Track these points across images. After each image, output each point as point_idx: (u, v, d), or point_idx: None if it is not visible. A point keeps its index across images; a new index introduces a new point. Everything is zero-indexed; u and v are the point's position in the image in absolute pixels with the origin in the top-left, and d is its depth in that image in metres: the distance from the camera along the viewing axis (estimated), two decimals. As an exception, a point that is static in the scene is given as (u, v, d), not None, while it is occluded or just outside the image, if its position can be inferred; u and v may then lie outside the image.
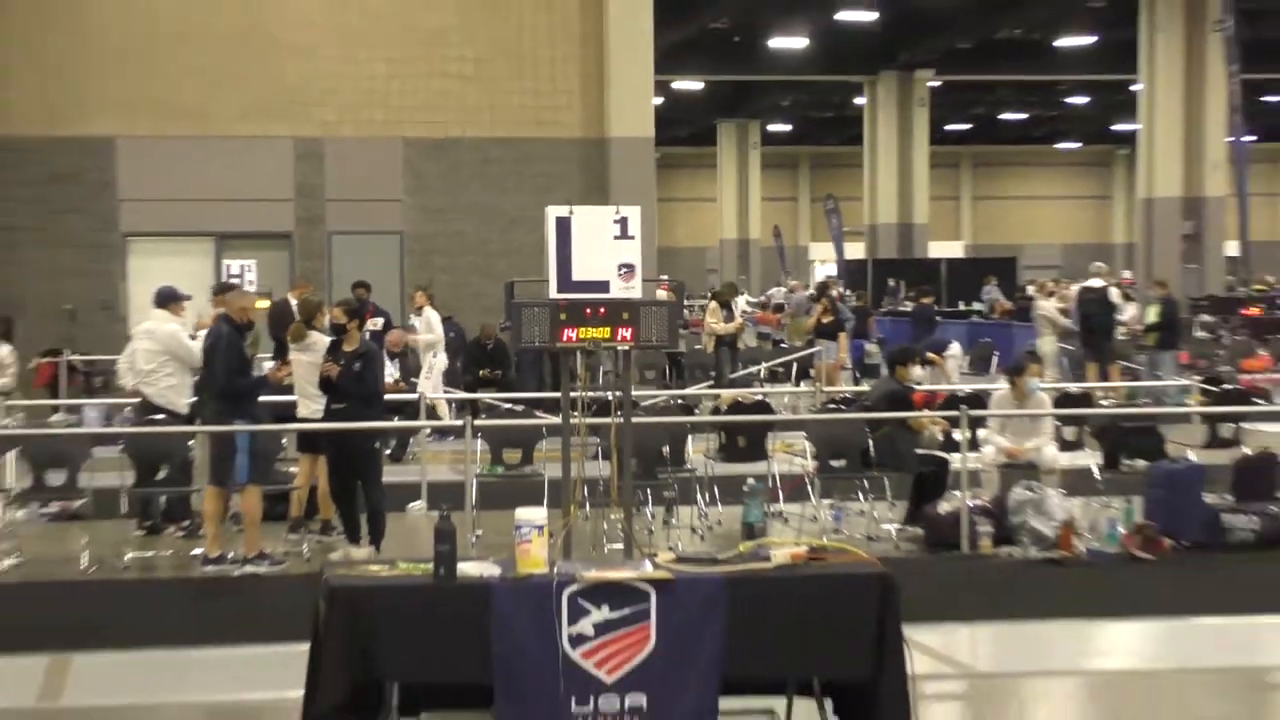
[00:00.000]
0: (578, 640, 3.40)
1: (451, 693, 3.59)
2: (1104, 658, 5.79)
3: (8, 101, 13.59)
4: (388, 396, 8.26)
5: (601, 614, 3.43)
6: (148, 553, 7.35)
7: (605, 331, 3.78)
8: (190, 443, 7.52)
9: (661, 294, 8.08)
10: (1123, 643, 5.94)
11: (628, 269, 3.82)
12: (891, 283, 24.10)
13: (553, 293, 3.80)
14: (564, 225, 3.81)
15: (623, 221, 3.87)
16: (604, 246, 3.84)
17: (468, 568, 3.54)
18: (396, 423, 9.32)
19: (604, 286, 3.81)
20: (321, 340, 7.37)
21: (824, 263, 37.73)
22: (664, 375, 13.86)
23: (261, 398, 7.48)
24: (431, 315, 11.43)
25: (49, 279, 13.58)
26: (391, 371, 10.07)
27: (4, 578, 6.79)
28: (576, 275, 3.81)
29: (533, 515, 3.58)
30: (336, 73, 14.14)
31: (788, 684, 3.66)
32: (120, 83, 13.73)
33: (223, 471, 6.83)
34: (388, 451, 9.04)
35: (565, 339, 3.77)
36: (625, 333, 3.79)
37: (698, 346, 15.18)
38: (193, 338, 7.83)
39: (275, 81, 14.00)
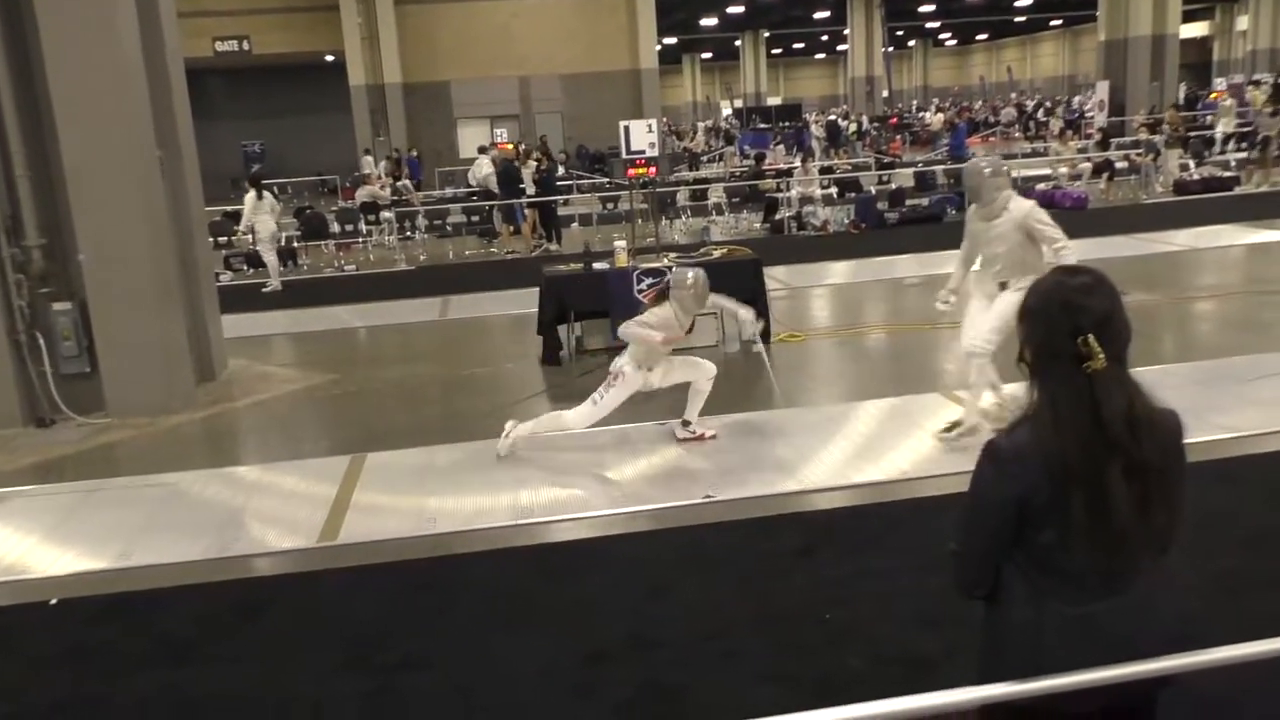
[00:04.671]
0: (640, 289, 8.93)
1: (592, 313, 9.19)
2: (837, 277, 11.82)
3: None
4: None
5: (648, 279, 8.94)
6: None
7: (645, 170, 9.33)
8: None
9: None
10: (839, 269, 12.47)
11: (651, 145, 9.35)
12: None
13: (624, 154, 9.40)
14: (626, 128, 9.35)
15: (651, 124, 9.38)
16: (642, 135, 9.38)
17: (596, 265, 9.12)
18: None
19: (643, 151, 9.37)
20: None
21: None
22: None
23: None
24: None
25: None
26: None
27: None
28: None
29: (620, 241, 9.17)
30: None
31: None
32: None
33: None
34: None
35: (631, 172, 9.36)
36: (652, 168, 9.35)
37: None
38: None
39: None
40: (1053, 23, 61.87)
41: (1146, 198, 17.68)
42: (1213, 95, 33.99)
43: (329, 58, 28.83)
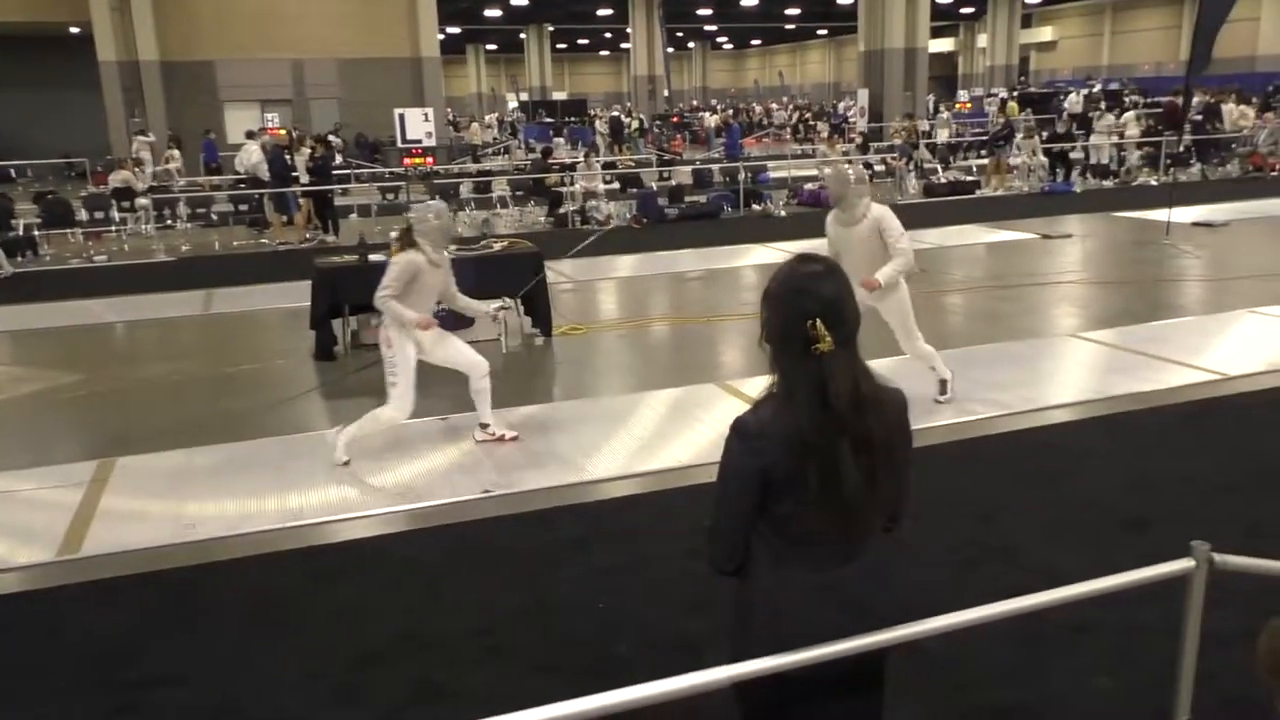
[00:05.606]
0: (420, 281, 8.73)
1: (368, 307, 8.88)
2: (620, 271, 11.82)
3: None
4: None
5: (429, 272, 8.76)
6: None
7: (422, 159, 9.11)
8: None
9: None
10: (628, 264, 12.73)
11: (429, 134, 9.14)
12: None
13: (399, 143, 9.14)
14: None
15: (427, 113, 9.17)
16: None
17: (372, 257, 8.82)
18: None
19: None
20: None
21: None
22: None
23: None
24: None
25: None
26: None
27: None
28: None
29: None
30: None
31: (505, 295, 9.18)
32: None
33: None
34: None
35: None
36: (429, 158, 9.14)
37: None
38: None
39: None
40: (819, 32, 65.50)
41: (901, 199, 19.00)
42: (958, 106, 36.97)
43: (74, 30, 26.43)
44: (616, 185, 18.23)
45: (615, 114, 34.84)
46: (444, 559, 4.64)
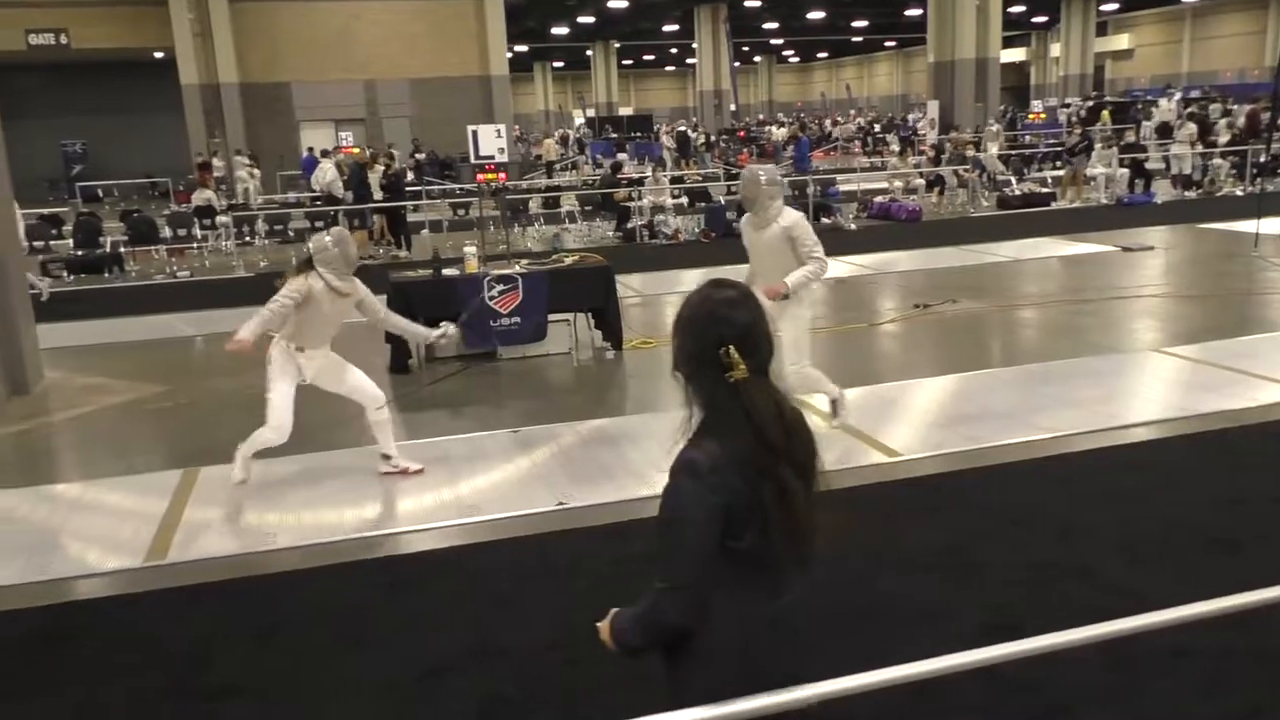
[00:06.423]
0: (491, 296, 8.83)
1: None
2: (687, 285, 11.85)
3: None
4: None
5: (500, 286, 8.83)
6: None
7: (495, 175, 9.23)
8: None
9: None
10: (696, 278, 12.10)
11: (501, 150, 9.26)
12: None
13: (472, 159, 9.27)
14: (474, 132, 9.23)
15: (500, 130, 9.29)
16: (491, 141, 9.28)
17: (446, 271, 8.96)
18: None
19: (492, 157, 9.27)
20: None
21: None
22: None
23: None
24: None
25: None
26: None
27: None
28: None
29: (470, 247, 9.04)
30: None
31: (575, 310, 9.23)
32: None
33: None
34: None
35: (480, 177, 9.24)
36: (502, 174, 9.26)
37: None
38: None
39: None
40: (887, 44, 64.93)
41: (974, 211, 18.70)
42: (1031, 116, 36.35)
43: (158, 54, 27.38)
44: (684, 200, 18.25)
45: (682, 129, 34.94)
46: (515, 571, 4.66)
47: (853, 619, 4.01)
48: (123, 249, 15.76)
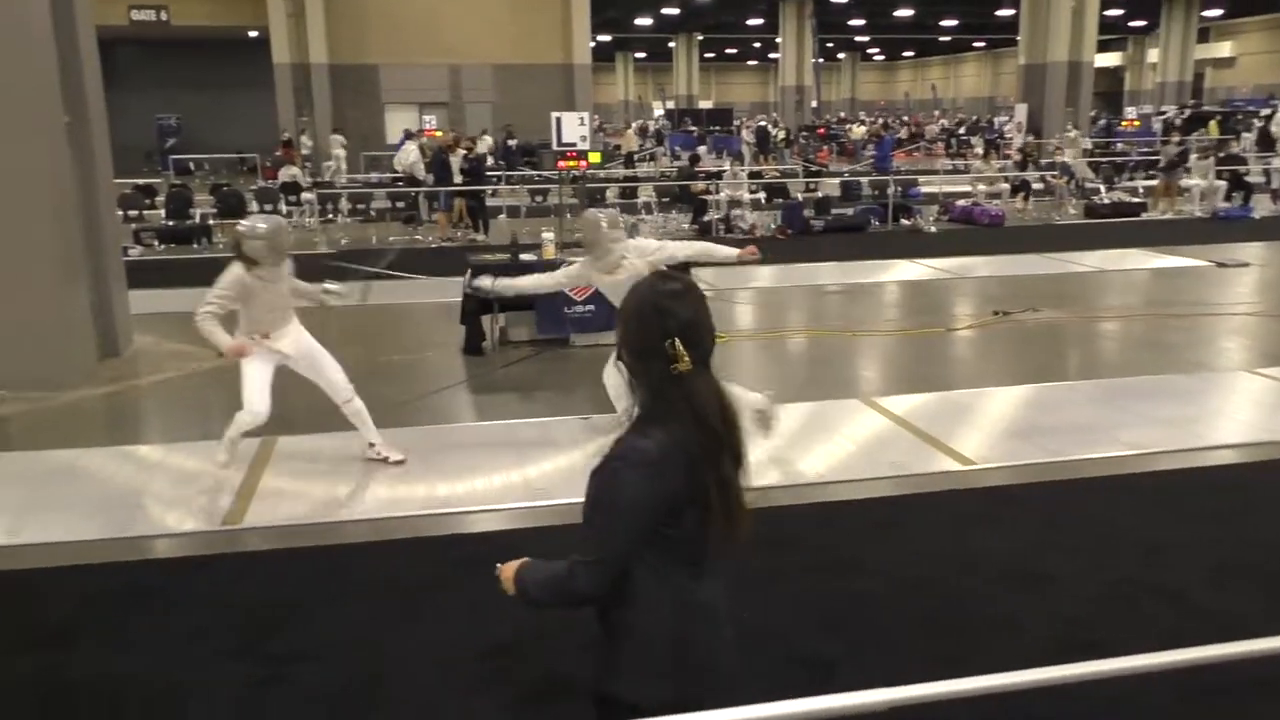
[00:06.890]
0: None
1: (516, 305, 9.08)
2: (761, 281, 11.58)
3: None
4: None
5: (575, 273, 8.89)
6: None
7: (576, 163, 9.26)
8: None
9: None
10: (764, 273, 12.20)
11: (583, 138, 9.28)
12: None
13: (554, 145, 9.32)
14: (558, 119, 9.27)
15: (583, 117, 9.32)
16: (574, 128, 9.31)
17: (523, 256, 9.02)
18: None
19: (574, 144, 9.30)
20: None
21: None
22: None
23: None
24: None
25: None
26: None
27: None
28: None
29: (548, 233, 9.09)
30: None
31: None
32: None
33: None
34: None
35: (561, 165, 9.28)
36: (584, 161, 9.28)
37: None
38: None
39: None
40: (976, 44, 63.63)
41: (1059, 218, 18.23)
42: (1124, 123, 35.31)
43: (252, 33, 28.03)
44: (762, 195, 18.14)
45: (762, 124, 34.69)
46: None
47: (925, 625, 3.93)
48: (211, 221, 16.19)
